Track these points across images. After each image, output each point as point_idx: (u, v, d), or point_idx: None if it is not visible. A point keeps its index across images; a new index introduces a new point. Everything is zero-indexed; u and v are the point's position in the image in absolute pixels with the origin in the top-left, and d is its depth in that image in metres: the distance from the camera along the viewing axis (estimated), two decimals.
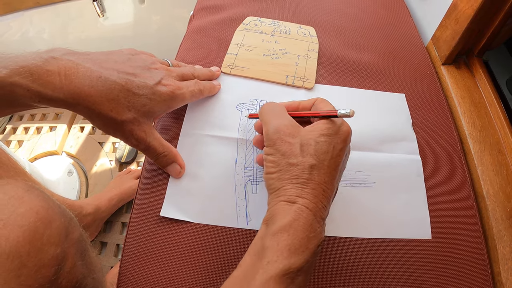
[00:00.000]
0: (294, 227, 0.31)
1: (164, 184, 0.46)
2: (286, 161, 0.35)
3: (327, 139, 0.35)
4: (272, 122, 0.38)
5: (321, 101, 0.42)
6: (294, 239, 0.30)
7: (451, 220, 0.47)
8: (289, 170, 0.34)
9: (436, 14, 0.67)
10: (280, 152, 0.35)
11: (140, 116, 0.41)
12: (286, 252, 0.30)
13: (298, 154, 0.35)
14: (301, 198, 0.33)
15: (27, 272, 0.32)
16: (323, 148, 0.35)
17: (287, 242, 0.30)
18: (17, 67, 0.35)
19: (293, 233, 0.31)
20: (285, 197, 0.33)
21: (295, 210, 0.32)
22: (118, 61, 0.42)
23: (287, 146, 0.36)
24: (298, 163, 0.34)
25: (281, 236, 0.31)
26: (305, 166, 0.34)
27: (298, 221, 0.31)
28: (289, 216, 0.32)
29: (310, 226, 0.31)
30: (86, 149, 1.18)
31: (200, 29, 0.66)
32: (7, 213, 0.33)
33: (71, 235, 0.38)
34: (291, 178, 0.34)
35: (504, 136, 0.54)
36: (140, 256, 0.42)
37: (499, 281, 0.43)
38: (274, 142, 0.36)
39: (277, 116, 0.39)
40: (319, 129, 0.36)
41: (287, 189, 0.34)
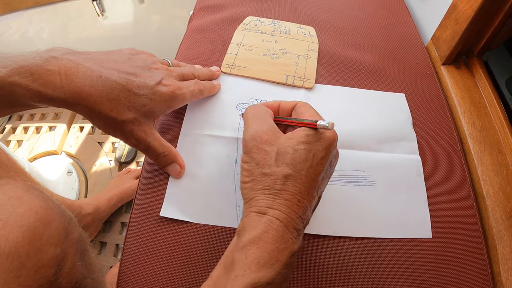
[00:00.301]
0: (263, 240, 0.30)
1: (164, 184, 0.46)
2: (259, 171, 0.34)
3: (306, 146, 0.34)
4: (251, 127, 0.38)
5: (302, 105, 0.40)
6: (263, 252, 0.30)
7: (451, 220, 0.47)
8: (262, 180, 0.34)
9: (436, 14, 0.67)
10: (255, 161, 0.35)
11: (140, 116, 0.41)
12: (254, 266, 0.29)
13: (272, 163, 0.34)
14: (272, 209, 0.32)
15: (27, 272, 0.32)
16: (302, 156, 0.34)
17: (256, 256, 0.29)
18: (17, 66, 0.35)
19: (262, 246, 0.30)
20: (256, 208, 0.33)
21: (265, 221, 0.31)
22: (119, 60, 0.42)
23: (262, 154, 0.35)
24: (271, 173, 0.33)
25: (250, 249, 0.30)
26: (278, 177, 0.33)
27: (268, 233, 0.31)
28: (259, 228, 0.31)
29: (280, 238, 0.31)
30: (86, 149, 1.17)
31: (200, 28, 0.66)
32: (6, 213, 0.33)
33: (70, 235, 0.38)
34: (263, 188, 0.33)
35: (504, 136, 0.54)
36: (139, 256, 0.42)
37: (499, 281, 0.43)
38: (250, 149, 0.36)
39: (257, 121, 0.38)
40: (299, 136, 0.35)
41: (258, 199, 0.33)
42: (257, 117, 0.39)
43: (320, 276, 0.42)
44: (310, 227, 0.44)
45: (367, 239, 0.45)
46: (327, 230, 0.45)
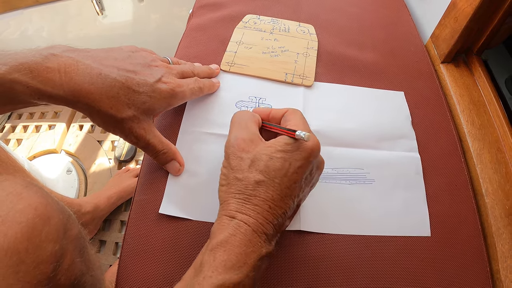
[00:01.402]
0: (231, 243, 0.31)
1: (163, 182, 0.46)
2: (233, 175, 0.35)
3: (283, 155, 0.34)
4: (232, 133, 0.38)
5: (291, 113, 0.40)
6: (230, 254, 0.30)
7: (450, 218, 0.47)
8: (235, 184, 0.34)
9: (435, 12, 0.67)
10: (231, 166, 0.36)
11: (140, 113, 0.41)
12: (221, 268, 0.30)
13: (245, 169, 0.34)
14: (241, 213, 0.32)
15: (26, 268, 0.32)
16: (276, 164, 0.34)
17: (223, 258, 0.30)
18: (17, 64, 0.35)
19: (229, 249, 0.31)
20: (227, 211, 0.33)
21: (233, 225, 0.32)
22: (118, 58, 0.42)
23: (237, 160, 0.35)
24: (243, 178, 0.34)
25: (218, 251, 0.31)
26: (249, 182, 0.34)
27: (235, 236, 0.31)
28: (227, 232, 0.32)
29: (248, 242, 0.31)
30: (85, 148, 1.18)
31: (200, 27, 0.66)
32: (5, 209, 0.33)
33: (69, 232, 0.38)
34: (235, 192, 0.34)
35: (503, 134, 0.54)
36: (139, 253, 0.42)
37: (498, 278, 0.44)
38: (228, 155, 0.37)
39: (238, 128, 0.39)
40: (277, 145, 0.35)
41: (229, 203, 0.34)
42: (240, 123, 0.39)
43: (319, 274, 0.42)
44: (309, 225, 0.44)
45: (366, 237, 0.45)
46: (326, 228, 0.45)
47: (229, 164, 0.36)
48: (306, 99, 0.55)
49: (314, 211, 0.46)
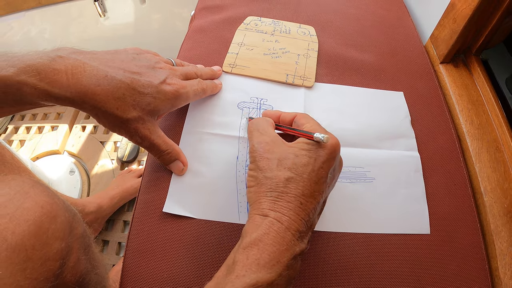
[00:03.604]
0: (264, 241, 0.31)
1: (167, 181, 0.47)
2: (263, 175, 0.35)
3: (307, 153, 0.35)
4: (255, 139, 0.39)
5: (302, 117, 0.41)
6: (263, 253, 0.30)
7: (450, 216, 0.48)
8: (265, 183, 0.35)
9: (434, 13, 0.68)
10: (259, 167, 0.36)
11: (145, 114, 0.42)
12: (254, 267, 0.30)
13: (274, 168, 0.35)
14: (274, 211, 0.33)
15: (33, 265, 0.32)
16: (303, 161, 0.35)
17: (256, 257, 0.30)
18: (24, 65, 0.36)
19: (262, 247, 0.31)
20: (259, 210, 0.33)
21: (266, 223, 0.32)
22: (124, 60, 0.43)
23: (265, 161, 0.36)
24: (273, 177, 0.34)
25: (251, 250, 0.31)
26: (280, 179, 0.34)
27: (269, 235, 0.31)
28: (260, 230, 0.32)
29: (281, 240, 0.31)
30: (88, 148, 1.18)
31: (201, 28, 0.67)
32: (13, 207, 0.33)
33: (75, 230, 0.39)
34: (266, 191, 0.34)
35: (501, 133, 0.54)
36: (143, 251, 0.42)
37: (496, 276, 0.44)
38: (254, 158, 0.37)
39: (258, 134, 0.40)
40: (300, 145, 0.36)
41: (261, 202, 0.34)
42: (258, 129, 0.40)
43: (320, 271, 0.42)
44: None
45: (367, 235, 0.45)
46: (327, 226, 0.45)
47: (256, 166, 0.36)
48: (307, 100, 0.56)
49: None
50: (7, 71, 0.36)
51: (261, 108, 0.54)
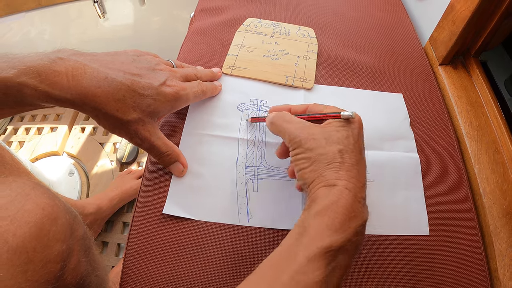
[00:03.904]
0: (334, 209, 0.32)
1: (167, 183, 0.47)
2: (316, 153, 0.36)
3: (343, 128, 0.38)
4: (290, 128, 0.40)
5: (316, 105, 0.43)
6: (335, 219, 0.31)
7: (449, 217, 0.48)
8: (321, 159, 0.36)
9: (433, 15, 0.68)
10: (309, 149, 0.37)
11: (145, 116, 0.42)
12: (327, 231, 0.31)
13: (324, 145, 0.36)
14: (340, 180, 0.34)
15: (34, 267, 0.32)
16: (344, 134, 0.37)
17: (328, 222, 0.31)
18: (25, 67, 0.36)
19: (333, 214, 0.32)
20: (324, 182, 0.34)
21: (335, 192, 0.33)
22: (124, 62, 0.43)
23: (312, 142, 0.37)
24: (327, 152, 0.36)
25: (322, 216, 0.32)
26: (334, 152, 0.36)
27: (338, 202, 0.32)
28: (329, 198, 0.33)
29: (350, 206, 0.32)
30: (87, 150, 1.18)
31: (201, 30, 0.67)
32: (14, 209, 0.33)
33: (76, 232, 0.39)
34: (326, 165, 0.35)
35: (500, 135, 0.54)
36: (143, 253, 0.42)
37: (496, 277, 0.44)
38: (299, 142, 0.38)
39: (290, 122, 0.41)
40: (334, 123, 0.39)
41: (324, 175, 0.35)
42: (286, 119, 0.41)
43: None
44: None
45: (366, 236, 0.45)
46: None
47: (305, 148, 0.37)
48: (307, 102, 0.56)
49: None
50: (8, 72, 0.36)
51: (261, 110, 0.55)
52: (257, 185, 0.48)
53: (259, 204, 0.46)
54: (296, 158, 0.38)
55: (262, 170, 0.49)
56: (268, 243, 0.44)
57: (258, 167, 0.49)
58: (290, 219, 0.46)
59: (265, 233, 0.45)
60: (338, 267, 0.31)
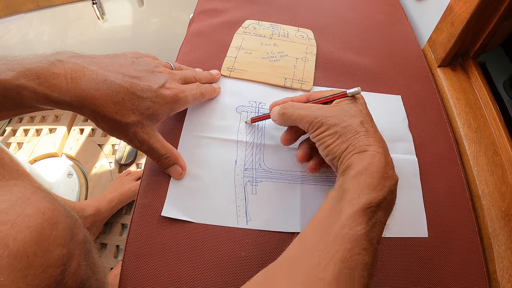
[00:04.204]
0: (370, 170, 0.34)
1: (165, 185, 0.47)
2: (340, 127, 0.39)
3: (353, 104, 0.41)
4: (306, 113, 0.42)
5: (317, 92, 0.47)
6: (372, 178, 0.34)
7: (447, 219, 0.48)
8: (347, 131, 0.38)
9: (432, 17, 0.68)
10: (331, 125, 0.39)
11: (144, 118, 0.42)
12: (366, 189, 0.33)
13: (345, 119, 0.39)
14: (370, 146, 0.37)
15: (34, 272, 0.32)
16: (356, 109, 0.40)
17: (366, 181, 0.34)
18: (24, 69, 0.36)
19: (370, 174, 0.34)
20: (356, 149, 0.37)
21: (368, 155, 0.36)
22: (123, 64, 0.43)
23: (333, 118, 0.39)
24: (350, 124, 0.39)
25: (360, 177, 0.34)
26: (357, 123, 0.38)
27: (373, 164, 0.35)
28: (364, 161, 0.35)
29: (383, 167, 0.35)
30: (86, 151, 1.18)
31: (200, 32, 0.67)
32: (14, 214, 0.33)
33: (76, 236, 0.39)
34: (353, 135, 0.38)
35: (499, 137, 0.55)
36: (141, 255, 0.42)
37: (494, 279, 0.44)
38: (321, 122, 0.40)
39: (304, 108, 0.43)
40: (344, 102, 0.42)
41: (354, 144, 0.37)
42: (297, 106, 0.43)
43: None
44: None
45: None
46: None
47: (328, 125, 0.39)
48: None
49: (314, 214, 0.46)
50: (7, 74, 0.36)
51: (259, 112, 0.55)
52: (256, 187, 0.48)
53: (258, 207, 0.46)
54: (320, 137, 0.40)
55: (260, 172, 0.49)
56: (266, 246, 0.44)
57: (256, 170, 0.49)
58: (289, 221, 0.46)
59: (263, 235, 0.45)
60: (378, 223, 0.33)
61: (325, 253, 0.30)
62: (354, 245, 0.30)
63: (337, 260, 0.30)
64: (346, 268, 0.30)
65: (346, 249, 0.30)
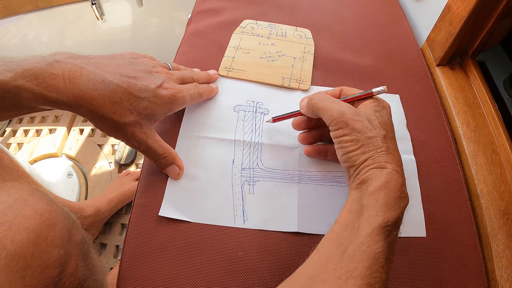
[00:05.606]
0: (388, 188, 0.34)
1: (163, 185, 0.47)
2: (365, 136, 0.38)
3: (380, 113, 0.40)
4: (333, 106, 0.41)
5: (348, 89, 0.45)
6: (389, 197, 0.34)
7: (446, 219, 0.48)
8: (371, 142, 0.38)
9: (430, 16, 0.68)
10: (356, 130, 0.38)
11: (142, 118, 0.42)
12: (384, 208, 0.33)
13: (371, 128, 0.38)
14: (389, 163, 0.36)
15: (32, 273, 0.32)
16: (383, 120, 0.40)
17: (384, 200, 0.34)
18: (22, 70, 0.36)
19: (387, 192, 0.34)
20: (375, 164, 0.37)
21: (387, 173, 0.35)
22: (121, 64, 0.43)
23: (359, 123, 0.39)
24: (375, 135, 0.38)
25: (378, 194, 0.34)
26: (381, 137, 0.38)
27: (391, 182, 0.35)
28: (383, 179, 0.35)
29: (400, 187, 0.35)
30: (86, 151, 1.18)
31: (198, 32, 0.67)
32: (12, 215, 0.33)
33: (74, 237, 0.39)
34: (375, 148, 0.37)
35: (497, 135, 0.54)
36: (139, 255, 0.42)
37: (493, 278, 0.44)
38: (346, 123, 0.39)
39: (333, 101, 0.42)
40: (371, 107, 0.41)
41: (374, 158, 0.37)
42: (329, 99, 0.43)
43: None
44: (306, 227, 0.45)
45: None
46: (323, 230, 0.45)
47: (352, 129, 0.39)
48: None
49: (312, 213, 0.46)
50: (5, 75, 0.36)
51: (257, 111, 0.55)
52: (253, 187, 0.48)
53: (255, 206, 0.46)
54: (342, 140, 0.40)
55: (258, 172, 0.49)
56: (264, 245, 0.44)
57: (254, 169, 0.49)
58: (286, 220, 0.46)
59: (261, 235, 0.45)
60: (392, 241, 0.33)
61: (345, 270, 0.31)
62: (372, 263, 0.31)
63: (357, 276, 0.30)
64: (366, 285, 0.30)
65: (364, 267, 0.31)
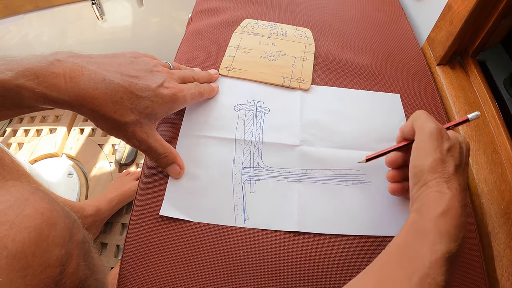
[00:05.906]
0: (450, 215, 0.34)
1: (164, 184, 0.47)
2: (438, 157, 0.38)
3: (462, 148, 0.40)
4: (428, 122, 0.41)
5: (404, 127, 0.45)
6: (452, 225, 0.33)
7: None
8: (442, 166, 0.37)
9: (431, 15, 0.68)
10: (440, 151, 0.38)
11: (143, 118, 0.42)
12: (447, 236, 0.33)
13: (448, 153, 0.38)
14: (451, 190, 0.35)
15: (33, 272, 0.32)
16: (458, 156, 0.39)
17: (447, 227, 0.33)
18: (23, 69, 0.36)
19: (450, 220, 0.34)
20: (438, 187, 0.36)
21: (449, 199, 0.35)
22: (122, 63, 0.43)
23: (445, 143, 0.39)
24: (447, 161, 0.38)
25: (441, 220, 0.34)
26: (452, 165, 0.37)
27: (452, 210, 0.34)
28: (444, 205, 0.34)
29: (460, 216, 0.34)
30: (86, 151, 1.18)
31: (198, 31, 0.67)
32: (13, 214, 0.33)
33: (75, 237, 0.39)
34: (443, 171, 0.37)
35: (498, 135, 0.54)
36: (140, 255, 0.42)
37: (494, 277, 0.44)
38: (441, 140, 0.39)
39: (434, 120, 0.42)
40: (456, 135, 0.41)
41: (439, 181, 0.36)
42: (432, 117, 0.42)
43: (316, 273, 0.42)
44: (307, 226, 0.45)
45: (363, 237, 0.45)
46: (323, 228, 0.45)
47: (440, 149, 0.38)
48: (303, 103, 0.56)
49: (312, 212, 0.46)
50: (6, 75, 0.36)
51: (258, 110, 0.55)
52: (254, 186, 0.48)
53: (256, 205, 0.46)
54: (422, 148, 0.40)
55: (259, 171, 0.49)
56: (264, 244, 0.44)
57: (255, 168, 0.49)
58: (287, 220, 0.46)
59: (261, 234, 0.45)
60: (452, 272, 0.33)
61: None
62: None
63: None
64: None
65: None
